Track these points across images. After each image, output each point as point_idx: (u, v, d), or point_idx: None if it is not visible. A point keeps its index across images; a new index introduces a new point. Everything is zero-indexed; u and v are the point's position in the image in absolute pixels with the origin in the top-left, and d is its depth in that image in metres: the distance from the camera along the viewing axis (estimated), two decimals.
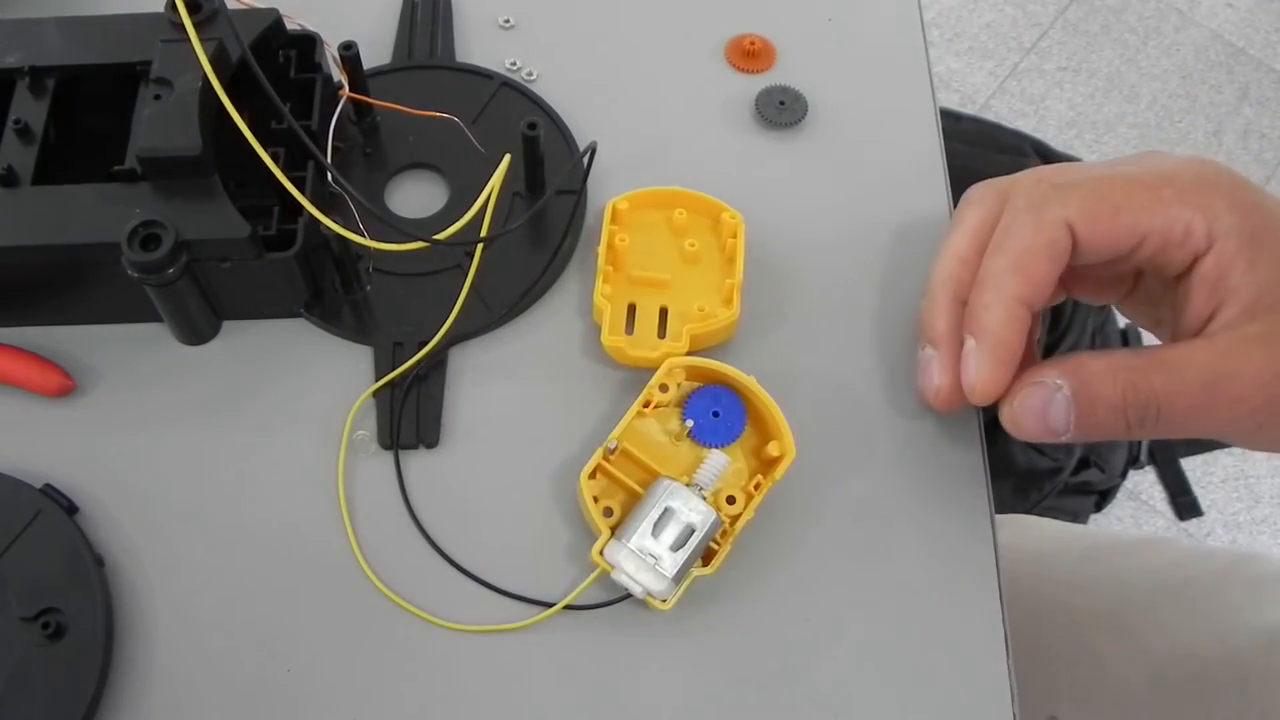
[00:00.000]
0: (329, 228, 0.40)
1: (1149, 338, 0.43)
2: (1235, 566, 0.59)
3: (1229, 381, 0.34)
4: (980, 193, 0.39)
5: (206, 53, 0.38)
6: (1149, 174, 0.36)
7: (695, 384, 0.42)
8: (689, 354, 0.42)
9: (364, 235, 0.42)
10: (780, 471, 0.40)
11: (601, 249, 0.44)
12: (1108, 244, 0.36)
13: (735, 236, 0.44)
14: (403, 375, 0.43)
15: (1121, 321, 1.26)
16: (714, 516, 0.38)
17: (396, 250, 0.41)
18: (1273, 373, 0.34)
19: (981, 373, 0.36)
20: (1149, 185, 0.36)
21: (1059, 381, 0.35)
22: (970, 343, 0.37)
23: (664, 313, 0.44)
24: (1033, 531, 0.63)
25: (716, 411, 0.41)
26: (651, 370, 0.41)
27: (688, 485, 0.39)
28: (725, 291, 0.44)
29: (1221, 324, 0.35)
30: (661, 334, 0.44)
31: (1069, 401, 0.35)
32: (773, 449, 0.40)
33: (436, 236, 0.41)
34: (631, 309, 0.44)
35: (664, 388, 0.41)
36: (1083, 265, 0.37)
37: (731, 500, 0.40)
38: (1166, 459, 1.35)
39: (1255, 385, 0.34)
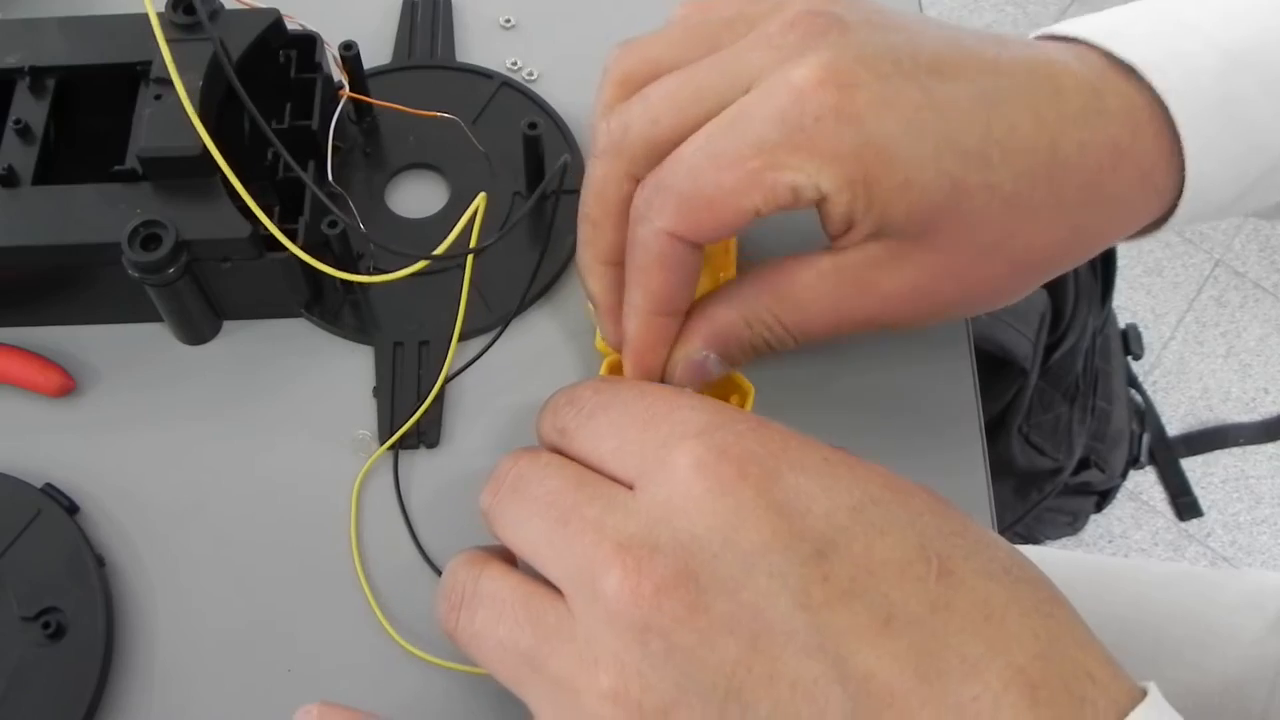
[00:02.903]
0: (306, 260, 0.40)
1: (1149, 338, 0.42)
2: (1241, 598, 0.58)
3: (852, 308, 0.36)
4: (601, 144, 0.36)
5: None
6: (737, 141, 0.33)
7: None
8: None
9: (364, 234, 0.42)
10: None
11: None
12: (719, 233, 0.34)
13: None
14: (403, 376, 0.43)
15: (1122, 322, 1.26)
16: None
17: (389, 280, 0.40)
18: (904, 292, 0.35)
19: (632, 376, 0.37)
20: (736, 160, 0.32)
21: (705, 352, 0.36)
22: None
23: None
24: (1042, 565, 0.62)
25: None
26: None
27: None
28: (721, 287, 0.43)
29: (848, 241, 0.35)
30: None
31: (718, 360, 0.37)
32: (734, 401, 0.39)
33: (435, 252, 0.41)
34: None
35: None
36: None
37: None
38: (1167, 459, 1.36)
39: (875, 310, 0.36)
